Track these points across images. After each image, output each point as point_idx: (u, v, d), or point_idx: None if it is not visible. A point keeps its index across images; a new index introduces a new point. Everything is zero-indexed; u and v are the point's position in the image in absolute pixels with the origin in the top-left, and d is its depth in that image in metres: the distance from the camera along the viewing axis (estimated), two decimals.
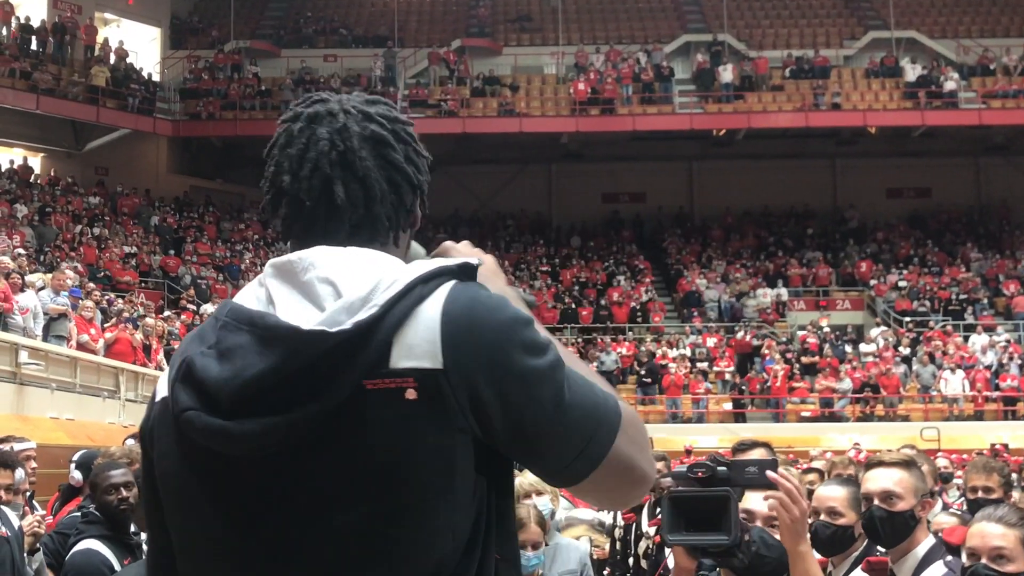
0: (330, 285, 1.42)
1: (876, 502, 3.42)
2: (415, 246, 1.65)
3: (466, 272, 1.46)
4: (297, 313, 1.40)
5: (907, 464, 3.50)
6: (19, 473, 5.33)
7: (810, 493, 3.90)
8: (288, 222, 1.53)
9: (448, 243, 1.65)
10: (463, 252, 1.61)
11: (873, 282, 29.76)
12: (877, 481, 3.46)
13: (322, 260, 1.44)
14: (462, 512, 1.41)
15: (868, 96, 31.32)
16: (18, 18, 29.05)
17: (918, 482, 3.48)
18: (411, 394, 1.36)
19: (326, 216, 1.50)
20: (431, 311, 1.40)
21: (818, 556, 3.90)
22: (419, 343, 1.38)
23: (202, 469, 1.41)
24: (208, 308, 23.39)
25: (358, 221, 1.50)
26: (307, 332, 1.37)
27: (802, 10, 36.56)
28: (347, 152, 1.50)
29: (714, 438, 20.86)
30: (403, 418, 1.37)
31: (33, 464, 6.47)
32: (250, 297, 1.47)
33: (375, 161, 1.52)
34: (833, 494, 3.72)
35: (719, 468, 2.42)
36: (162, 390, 1.49)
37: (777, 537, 3.03)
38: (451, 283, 1.43)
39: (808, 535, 2.61)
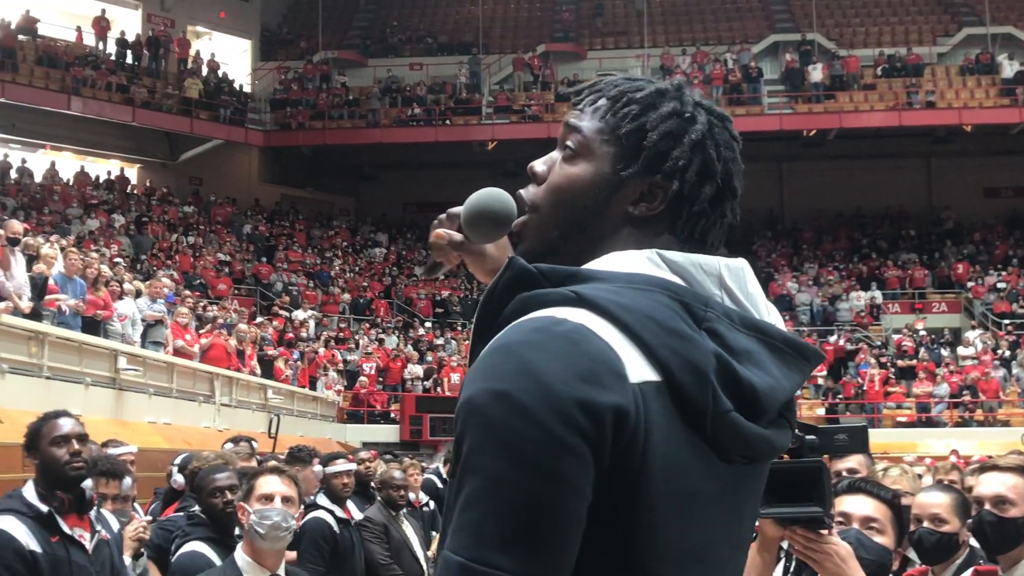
0: (768, 305, 1.43)
1: (987, 507, 3.31)
2: None
3: None
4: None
5: (1022, 470, 3.39)
6: (126, 481, 5.42)
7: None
8: (714, 223, 1.49)
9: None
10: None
11: (970, 284, 29.04)
12: (990, 485, 3.35)
13: (751, 275, 1.44)
14: None
15: (963, 94, 30.60)
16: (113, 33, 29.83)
17: None
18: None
19: (730, 232, 1.51)
20: None
21: (920, 565, 3.81)
22: None
23: (704, 470, 1.33)
24: (300, 315, 23.64)
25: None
26: (819, 353, 1.40)
27: (893, 8, 35.88)
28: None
29: None
30: None
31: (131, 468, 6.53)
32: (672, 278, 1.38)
33: None
34: (937, 500, 3.62)
35: (807, 437, 2.34)
36: (641, 372, 1.27)
37: (875, 539, 2.95)
38: None
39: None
